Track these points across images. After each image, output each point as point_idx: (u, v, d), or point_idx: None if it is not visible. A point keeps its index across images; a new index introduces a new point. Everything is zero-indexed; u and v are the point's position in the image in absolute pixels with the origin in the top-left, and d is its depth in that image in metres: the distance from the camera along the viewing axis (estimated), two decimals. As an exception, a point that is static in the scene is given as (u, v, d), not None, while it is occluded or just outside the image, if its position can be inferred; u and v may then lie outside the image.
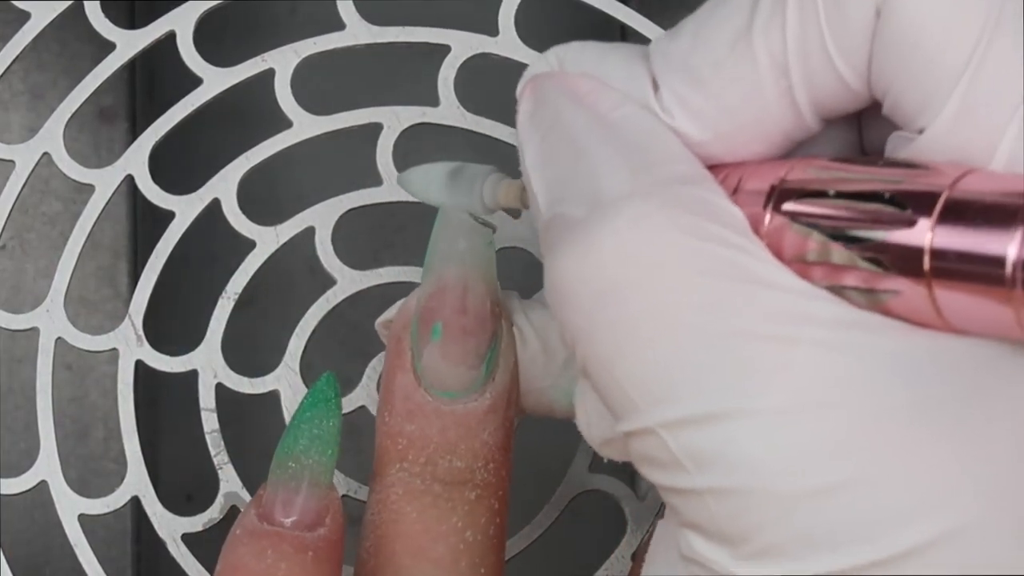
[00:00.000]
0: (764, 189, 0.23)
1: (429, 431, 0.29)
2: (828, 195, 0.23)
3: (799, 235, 0.23)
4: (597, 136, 0.25)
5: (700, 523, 0.22)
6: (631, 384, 0.23)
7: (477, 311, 0.30)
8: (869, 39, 0.23)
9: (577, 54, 0.27)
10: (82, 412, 0.43)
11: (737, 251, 0.23)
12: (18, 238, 0.43)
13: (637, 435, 0.23)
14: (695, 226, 0.23)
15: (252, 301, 0.36)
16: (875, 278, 0.22)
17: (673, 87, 0.25)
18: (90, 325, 0.35)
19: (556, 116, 0.26)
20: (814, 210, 0.23)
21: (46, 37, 0.36)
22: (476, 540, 0.29)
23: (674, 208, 0.23)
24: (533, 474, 0.34)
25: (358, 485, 0.35)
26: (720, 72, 0.24)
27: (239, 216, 0.35)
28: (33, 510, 0.41)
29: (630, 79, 0.25)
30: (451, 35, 0.36)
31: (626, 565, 0.35)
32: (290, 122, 0.35)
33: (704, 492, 0.22)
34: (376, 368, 0.34)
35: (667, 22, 0.36)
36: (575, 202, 0.24)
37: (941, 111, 0.22)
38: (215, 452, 0.34)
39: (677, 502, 0.23)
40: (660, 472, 0.23)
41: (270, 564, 0.27)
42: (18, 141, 0.35)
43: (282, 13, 0.47)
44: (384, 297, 0.32)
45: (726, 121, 0.24)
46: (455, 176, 0.30)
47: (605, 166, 0.24)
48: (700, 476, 0.22)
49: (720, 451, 0.22)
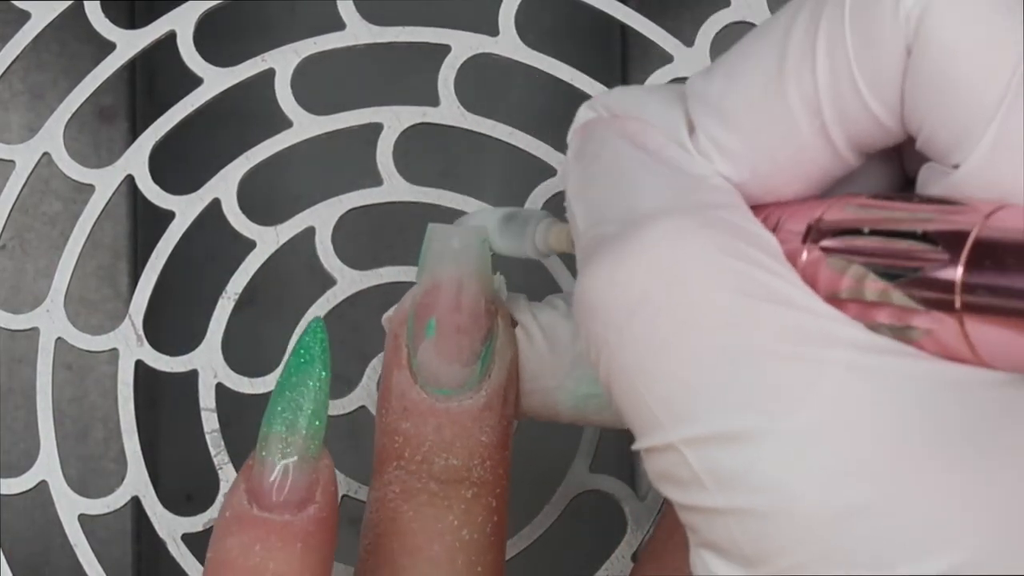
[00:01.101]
0: (802, 228, 0.24)
1: (424, 429, 0.29)
2: (863, 232, 0.23)
3: (834, 271, 0.23)
4: (639, 164, 0.25)
5: (718, 543, 0.22)
6: (655, 399, 0.22)
7: (471, 308, 0.30)
8: (901, 77, 0.23)
9: (619, 98, 0.27)
10: (82, 412, 0.43)
11: (768, 272, 0.23)
12: (18, 238, 0.43)
13: (658, 451, 0.23)
14: (728, 245, 0.23)
15: (252, 301, 0.36)
16: (908, 315, 0.22)
17: (708, 130, 0.25)
18: (90, 325, 0.35)
19: (601, 147, 0.26)
20: (849, 246, 0.23)
21: (46, 37, 0.36)
22: (473, 538, 0.29)
23: (709, 227, 0.23)
24: (533, 474, 0.34)
25: (358, 485, 0.35)
26: (753, 114, 0.24)
27: (239, 216, 0.35)
28: (33, 510, 0.41)
29: (667, 122, 0.26)
30: (451, 35, 0.36)
31: (626, 565, 0.35)
32: (290, 122, 0.35)
33: (724, 512, 0.22)
34: (376, 368, 0.34)
35: (667, 22, 0.36)
36: (612, 222, 0.24)
37: (975, 148, 0.22)
38: (215, 452, 0.34)
39: (695, 521, 0.23)
40: (679, 490, 0.23)
41: (258, 562, 0.27)
42: (18, 141, 0.35)
43: (282, 13, 0.47)
44: (384, 297, 0.32)
45: (763, 162, 0.24)
46: (508, 221, 0.31)
47: (644, 188, 0.24)
48: (720, 495, 0.22)
49: (742, 470, 0.22)
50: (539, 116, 0.30)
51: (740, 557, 0.22)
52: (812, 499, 0.21)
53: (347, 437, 0.29)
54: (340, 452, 0.29)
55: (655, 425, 0.23)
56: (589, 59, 0.38)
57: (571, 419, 0.31)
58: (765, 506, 0.21)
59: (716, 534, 0.22)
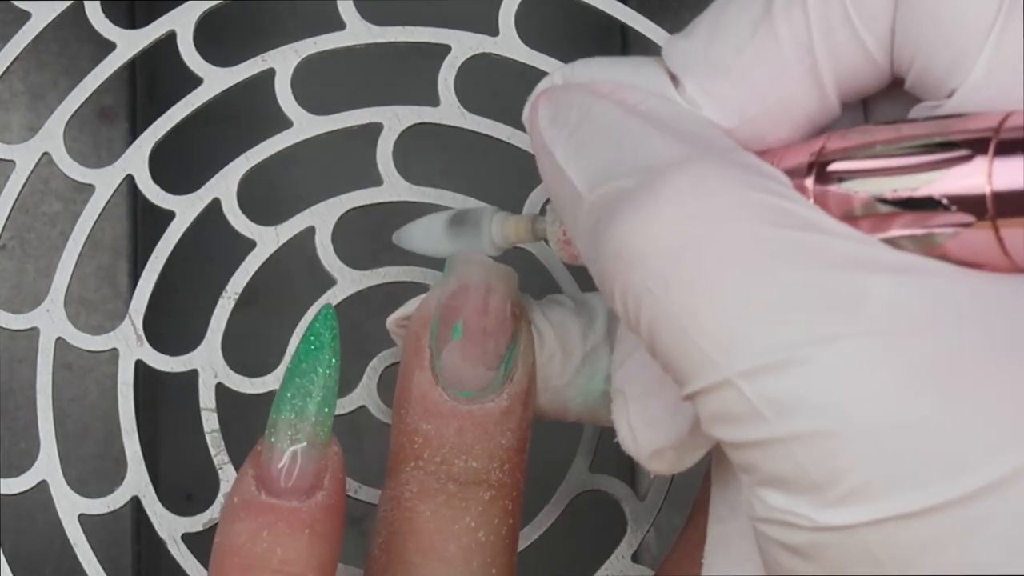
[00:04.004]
0: (803, 163, 0.24)
1: (446, 431, 0.29)
2: (874, 151, 0.23)
3: (845, 194, 0.23)
4: (634, 121, 0.25)
5: (782, 474, 0.22)
6: (706, 338, 0.22)
7: (498, 312, 0.30)
8: (892, 8, 0.23)
9: (584, 68, 0.27)
10: (82, 412, 0.43)
11: (795, 204, 0.23)
12: (18, 238, 0.43)
13: (711, 391, 0.22)
14: (753, 182, 0.23)
15: (252, 301, 0.36)
16: (929, 218, 0.22)
17: (696, 79, 0.25)
18: (90, 325, 0.35)
19: (584, 112, 0.26)
20: (862, 166, 0.23)
21: (46, 37, 0.36)
22: (488, 541, 0.29)
23: (730, 168, 0.23)
24: (533, 474, 0.34)
25: (358, 485, 0.35)
26: (743, 56, 0.25)
27: (239, 216, 0.35)
28: (33, 510, 0.41)
29: (647, 80, 0.26)
30: (451, 35, 0.36)
31: (626, 565, 0.35)
32: (290, 122, 0.35)
33: (787, 440, 0.22)
34: (376, 368, 0.34)
35: (667, 22, 0.36)
36: (625, 176, 0.24)
37: (971, 70, 0.23)
38: (215, 452, 0.34)
39: (754, 458, 0.22)
40: (737, 428, 0.22)
41: (266, 548, 0.27)
42: (18, 141, 0.35)
43: (282, 13, 0.47)
44: (384, 297, 0.32)
45: (753, 105, 0.25)
46: (456, 223, 0.30)
47: (652, 141, 0.24)
48: (781, 423, 0.22)
49: (801, 395, 0.21)
50: (539, 116, 0.30)
51: (805, 485, 0.22)
52: (875, 413, 0.21)
53: (347, 437, 0.29)
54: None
55: (708, 365, 0.22)
56: (589, 59, 0.38)
57: (579, 417, 0.31)
58: (826, 427, 0.21)
59: (779, 465, 0.22)
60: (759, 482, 0.23)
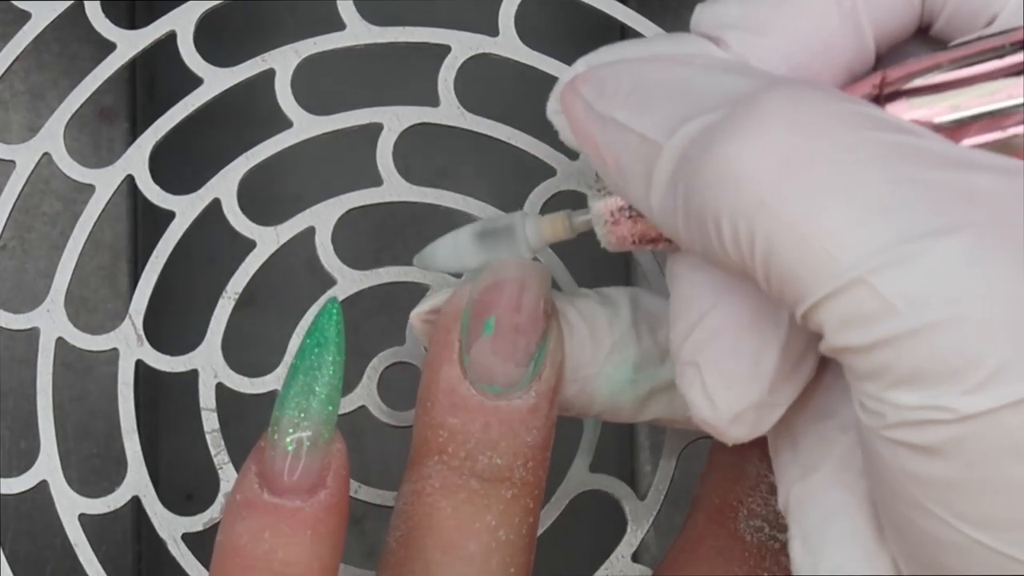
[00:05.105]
0: (866, 95, 0.25)
1: (472, 426, 0.29)
2: (941, 68, 0.24)
3: (918, 114, 0.24)
4: (696, 69, 0.26)
5: (919, 368, 0.22)
6: (829, 240, 0.23)
7: (531, 309, 0.29)
8: None
9: (609, 53, 0.28)
10: (82, 412, 0.43)
11: (887, 116, 0.24)
12: (18, 238, 0.43)
13: (840, 294, 0.23)
14: (846, 98, 0.24)
15: (252, 301, 0.36)
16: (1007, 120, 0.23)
17: (739, 35, 0.26)
18: (90, 325, 0.35)
19: (637, 75, 0.26)
20: (933, 81, 0.24)
21: (46, 37, 0.36)
22: (509, 539, 0.29)
23: (820, 88, 0.24)
24: (533, 474, 0.34)
25: (359, 484, 0.35)
26: (783, 8, 0.26)
27: (239, 216, 0.35)
28: (33, 510, 0.41)
29: (684, 48, 0.27)
30: (451, 35, 0.36)
31: (626, 565, 0.35)
32: (290, 122, 0.35)
33: (921, 330, 0.22)
34: (376, 368, 0.34)
35: (667, 22, 0.36)
36: (708, 112, 0.24)
37: None
38: (215, 452, 0.34)
39: (887, 356, 0.22)
40: (867, 328, 0.22)
41: (267, 550, 0.27)
42: (18, 141, 0.35)
43: (282, 13, 0.47)
44: (385, 297, 0.32)
45: (798, 52, 0.26)
46: (486, 235, 0.30)
47: (725, 80, 0.25)
48: (914, 314, 0.22)
49: (931, 284, 0.22)
50: (539, 116, 0.30)
51: (945, 374, 0.22)
52: (1004, 297, 0.22)
53: (347, 437, 0.29)
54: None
55: (834, 267, 0.23)
56: (589, 59, 0.38)
57: (603, 409, 0.31)
58: (962, 312, 0.22)
59: (916, 358, 0.22)
60: (891, 384, 0.23)
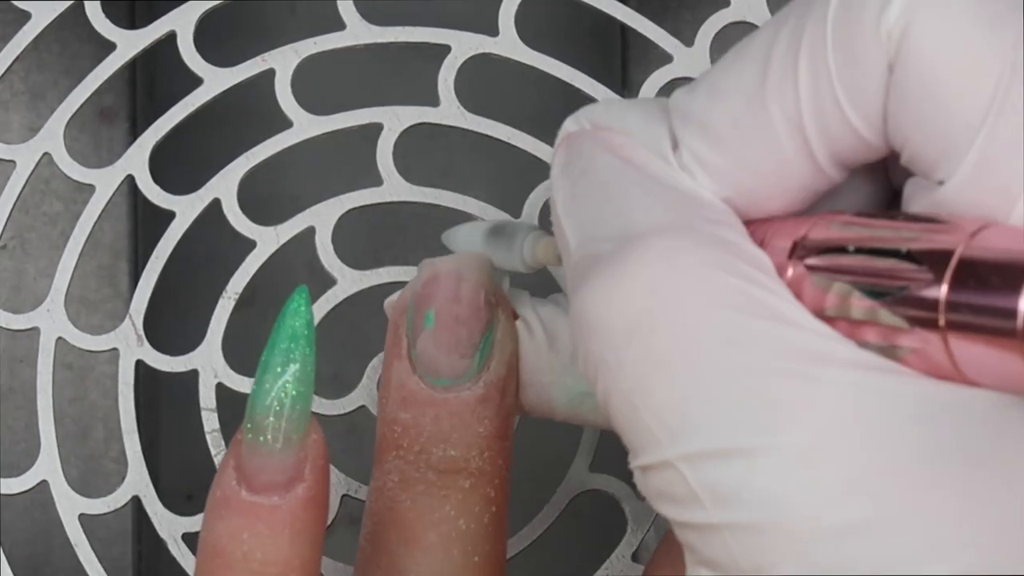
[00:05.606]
0: (787, 245, 0.24)
1: (423, 419, 0.29)
2: (848, 251, 0.23)
3: (819, 289, 0.23)
4: (629, 180, 0.25)
5: (715, 560, 0.22)
6: (652, 417, 0.22)
7: (471, 300, 0.30)
8: (883, 94, 0.23)
9: (603, 111, 0.27)
10: (82, 412, 0.43)
11: (763, 289, 0.23)
12: (19, 238, 0.43)
13: (655, 469, 0.23)
14: (722, 262, 0.23)
15: (252, 301, 0.36)
16: (894, 334, 0.22)
17: (691, 145, 0.25)
18: (90, 325, 0.35)
19: (588, 164, 0.26)
20: (834, 264, 0.23)
21: (46, 37, 0.36)
22: (470, 528, 0.29)
23: (703, 245, 0.23)
24: (533, 474, 0.34)
25: (358, 485, 0.35)
26: (736, 130, 0.24)
27: (239, 216, 0.35)
28: (33, 510, 0.41)
29: (650, 137, 0.26)
30: (451, 35, 0.36)
31: (626, 565, 0.35)
32: (290, 122, 0.35)
33: (721, 528, 0.22)
34: (376, 368, 0.34)
35: (667, 22, 0.36)
36: (605, 240, 0.24)
37: (959, 165, 0.22)
38: (215, 452, 0.34)
39: (692, 539, 0.23)
40: (676, 507, 0.23)
41: (246, 551, 0.27)
42: (18, 141, 0.35)
43: (282, 13, 0.47)
44: (384, 297, 0.32)
45: (746, 178, 0.24)
46: (496, 234, 0.31)
47: (636, 205, 0.24)
48: (717, 511, 0.22)
49: (739, 486, 0.22)
50: (539, 116, 0.30)
51: (737, 573, 0.22)
52: (809, 514, 0.21)
53: (347, 437, 0.29)
54: (340, 452, 0.29)
55: (652, 443, 0.23)
56: (589, 59, 0.38)
57: (565, 417, 0.31)
58: (762, 521, 0.21)
59: (713, 551, 0.22)
60: (698, 561, 0.23)
